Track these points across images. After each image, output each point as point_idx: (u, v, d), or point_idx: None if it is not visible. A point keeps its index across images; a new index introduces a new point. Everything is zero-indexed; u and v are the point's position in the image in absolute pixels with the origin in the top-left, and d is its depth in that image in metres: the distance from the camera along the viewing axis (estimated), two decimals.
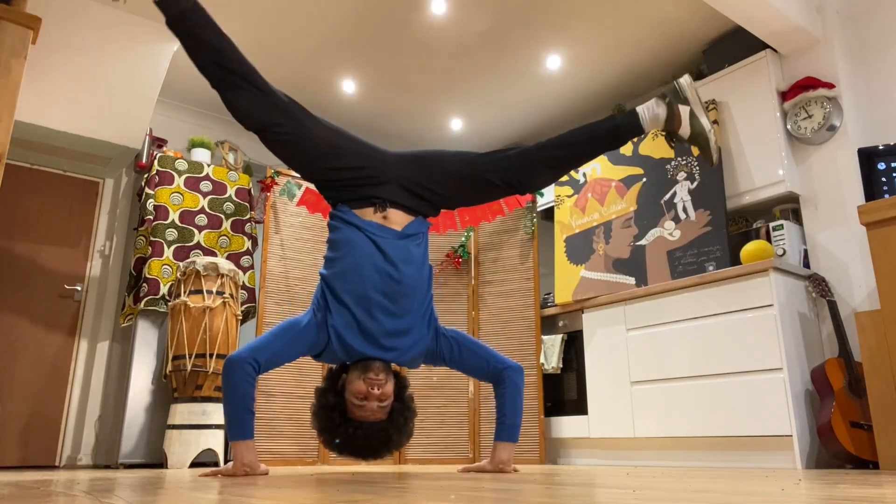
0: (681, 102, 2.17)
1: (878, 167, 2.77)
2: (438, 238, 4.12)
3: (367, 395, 1.98)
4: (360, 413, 2.00)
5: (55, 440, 3.88)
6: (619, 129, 2.15)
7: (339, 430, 2.01)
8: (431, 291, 2.21)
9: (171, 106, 4.58)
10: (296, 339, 2.01)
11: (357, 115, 4.75)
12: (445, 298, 4.03)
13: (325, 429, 2.05)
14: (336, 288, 2.05)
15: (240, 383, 1.91)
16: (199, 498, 0.98)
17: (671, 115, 2.15)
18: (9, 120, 2.26)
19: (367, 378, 1.99)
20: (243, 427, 1.94)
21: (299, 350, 2.04)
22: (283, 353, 2.00)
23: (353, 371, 2.04)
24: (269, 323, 3.76)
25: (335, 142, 2.11)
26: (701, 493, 0.97)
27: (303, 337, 2.02)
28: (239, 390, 1.91)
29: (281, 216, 3.94)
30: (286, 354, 2.02)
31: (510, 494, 0.93)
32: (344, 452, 2.08)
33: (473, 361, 2.23)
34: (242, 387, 1.91)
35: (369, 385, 1.99)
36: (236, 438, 1.94)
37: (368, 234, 2.08)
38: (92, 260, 4.21)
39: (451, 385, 3.88)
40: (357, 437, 2.00)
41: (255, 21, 3.71)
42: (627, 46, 3.92)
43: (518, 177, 2.19)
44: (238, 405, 1.93)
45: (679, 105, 2.16)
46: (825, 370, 2.73)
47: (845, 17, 3.38)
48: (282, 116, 2.02)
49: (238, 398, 1.92)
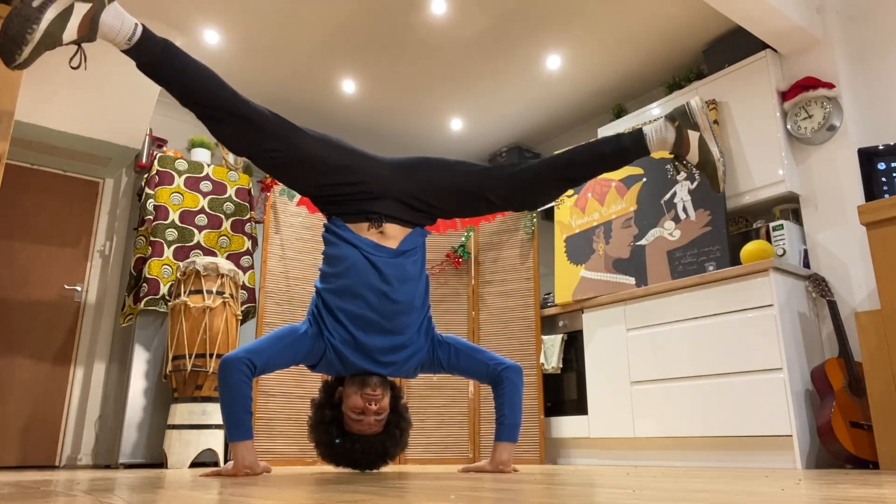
0: (690, 127, 2.06)
1: (878, 167, 2.77)
2: (438, 238, 4.12)
3: (365, 409, 2.01)
4: (358, 427, 2.04)
5: (55, 440, 3.88)
6: (625, 152, 2.09)
7: (337, 443, 2.05)
8: (428, 301, 2.21)
9: (172, 106, 4.58)
10: (292, 345, 2.01)
11: (357, 115, 4.75)
12: (445, 298, 4.03)
13: (322, 442, 2.08)
14: (331, 304, 2.05)
15: (237, 384, 1.91)
16: (199, 498, 0.98)
17: (679, 139, 2.06)
18: (9, 120, 2.26)
19: (364, 394, 2.01)
20: (242, 428, 1.94)
21: (295, 358, 2.04)
22: (278, 358, 2.00)
23: (350, 386, 2.06)
24: (269, 323, 3.76)
25: (328, 157, 2.06)
26: (701, 493, 0.97)
27: (299, 345, 2.02)
28: (235, 391, 1.91)
29: (281, 216, 3.94)
30: (281, 360, 2.01)
31: (510, 494, 0.93)
32: (341, 464, 2.11)
33: (471, 365, 2.22)
34: (239, 388, 1.91)
35: (367, 401, 2.01)
36: (235, 439, 1.94)
37: (364, 252, 2.06)
38: (92, 260, 4.21)
39: (451, 385, 3.87)
40: (355, 450, 2.04)
41: (256, 21, 3.71)
42: (627, 46, 3.92)
43: (519, 196, 2.15)
44: (236, 406, 1.92)
45: (689, 130, 2.06)
46: (825, 370, 2.73)
47: (845, 17, 3.38)
48: (270, 141, 1.96)
49: (235, 399, 1.92)
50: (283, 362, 2.02)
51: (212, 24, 3.75)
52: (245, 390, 1.92)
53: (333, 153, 2.07)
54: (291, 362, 2.04)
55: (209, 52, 4.03)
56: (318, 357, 2.07)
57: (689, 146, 2.05)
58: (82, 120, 3.66)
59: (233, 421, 1.93)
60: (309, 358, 2.07)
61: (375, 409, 2.01)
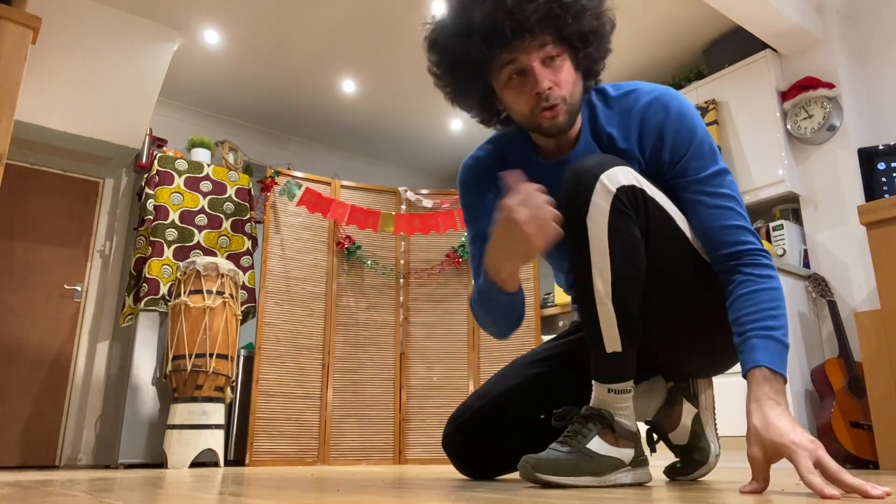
0: (687, 398, 1.37)
1: (878, 167, 2.77)
2: (438, 238, 4.12)
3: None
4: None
5: (55, 440, 3.88)
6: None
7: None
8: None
9: (171, 106, 4.58)
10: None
11: (357, 115, 4.75)
12: (445, 298, 4.03)
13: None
14: None
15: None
16: (199, 498, 0.98)
17: (668, 408, 1.36)
18: (9, 120, 2.26)
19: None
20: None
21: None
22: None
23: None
24: (269, 323, 3.76)
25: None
26: (700, 493, 0.97)
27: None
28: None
29: (281, 216, 3.94)
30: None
31: (509, 494, 0.93)
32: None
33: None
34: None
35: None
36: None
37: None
38: (92, 260, 4.21)
39: (451, 385, 3.88)
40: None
41: (256, 21, 3.71)
42: (627, 46, 3.92)
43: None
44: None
45: (684, 400, 1.36)
46: (825, 370, 2.73)
47: (845, 17, 3.38)
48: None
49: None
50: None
51: (212, 24, 3.75)
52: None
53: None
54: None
55: (209, 52, 4.03)
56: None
57: (678, 421, 1.36)
58: (82, 120, 3.66)
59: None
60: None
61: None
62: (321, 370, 3.83)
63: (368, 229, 4.03)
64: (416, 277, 4.07)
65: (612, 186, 1.06)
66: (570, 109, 1.17)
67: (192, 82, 4.37)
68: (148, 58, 3.74)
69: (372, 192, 4.21)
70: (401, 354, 3.96)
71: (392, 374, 3.92)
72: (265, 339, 3.74)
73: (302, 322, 3.86)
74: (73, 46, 3.51)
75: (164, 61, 3.80)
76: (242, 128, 4.93)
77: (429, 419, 3.81)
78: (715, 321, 1.17)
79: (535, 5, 1.08)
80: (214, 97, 4.57)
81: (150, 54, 3.74)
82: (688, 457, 1.36)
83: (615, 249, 1.08)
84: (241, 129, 4.92)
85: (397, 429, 3.82)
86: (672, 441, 1.38)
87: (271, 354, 3.73)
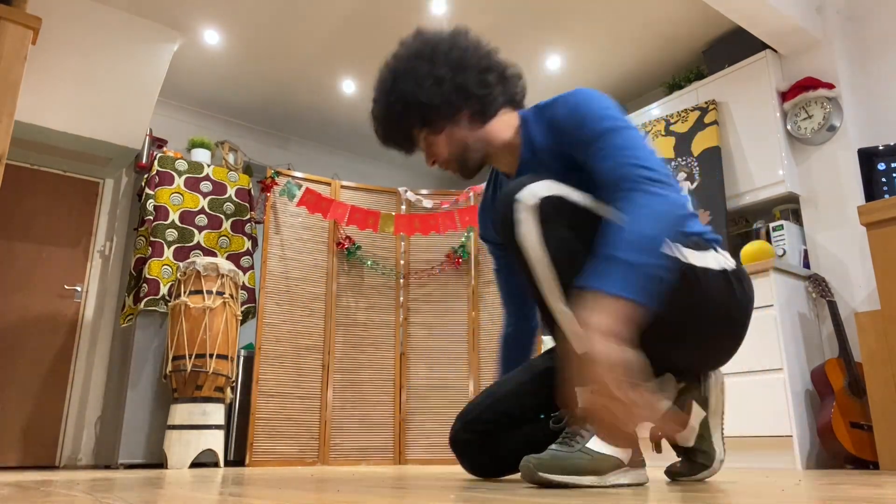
0: (696, 400, 1.38)
1: (878, 167, 2.77)
2: (438, 238, 4.12)
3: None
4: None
5: (55, 440, 3.88)
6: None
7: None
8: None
9: (171, 106, 4.58)
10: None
11: (357, 115, 4.75)
12: (445, 298, 4.03)
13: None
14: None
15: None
16: (199, 498, 0.98)
17: (678, 408, 1.38)
18: (9, 120, 2.26)
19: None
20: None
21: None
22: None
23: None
24: (269, 323, 3.76)
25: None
26: (700, 493, 0.97)
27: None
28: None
29: (281, 216, 3.94)
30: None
31: (508, 495, 0.93)
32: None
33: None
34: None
35: None
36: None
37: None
38: (92, 260, 4.21)
39: (451, 385, 3.88)
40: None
41: (256, 21, 3.71)
42: (627, 46, 3.92)
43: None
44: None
45: (693, 402, 1.37)
46: (825, 370, 2.73)
47: (845, 17, 3.38)
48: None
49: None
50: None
51: (212, 24, 3.75)
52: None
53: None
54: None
55: (209, 52, 4.03)
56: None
57: (685, 423, 1.38)
58: (82, 120, 3.66)
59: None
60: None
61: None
62: (321, 370, 3.83)
63: (368, 229, 4.03)
64: (416, 278, 4.07)
65: (531, 201, 1.15)
66: (462, 160, 1.36)
67: (192, 82, 4.37)
68: (148, 58, 3.74)
69: (372, 192, 4.21)
70: (401, 354, 3.96)
71: (392, 375, 3.92)
72: (265, 340, 3.74)
73: (302, 322, 3.86)
74: (73, 46, 3.51)
75: (164, 61, 3.80)
76: (242, 128, 4.93)
77: (429, 419, 3.81)
78: (674, 302, 1.14)
79: (382, 130, 1.39)
80: (214, 97, 4.58)
81: (150, 54, 3.75)
82: (692, 459, 1.37)
83: (554, 256, 1.14)
84: (242, 130, 4.92)
85: (397, 429, 3.82)
86: (678, 442, 1.38)
87: (271, 355, 3.73)
